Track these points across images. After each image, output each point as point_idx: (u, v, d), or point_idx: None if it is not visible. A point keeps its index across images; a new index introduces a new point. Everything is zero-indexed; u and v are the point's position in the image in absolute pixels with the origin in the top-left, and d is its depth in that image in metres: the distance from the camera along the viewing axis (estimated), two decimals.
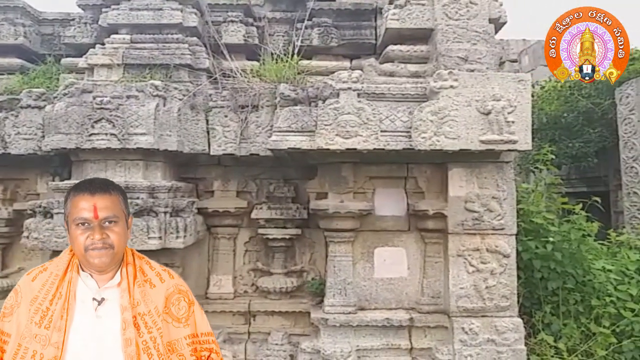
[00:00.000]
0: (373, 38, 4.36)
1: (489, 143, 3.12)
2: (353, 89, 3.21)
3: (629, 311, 3.67)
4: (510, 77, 3.20)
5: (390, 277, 3.54)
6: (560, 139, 7.85)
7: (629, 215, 7.19)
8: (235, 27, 4.27)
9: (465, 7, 3.55)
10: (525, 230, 3.79)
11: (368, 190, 3.62)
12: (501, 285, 3.29)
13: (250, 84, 3.75)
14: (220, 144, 3.58)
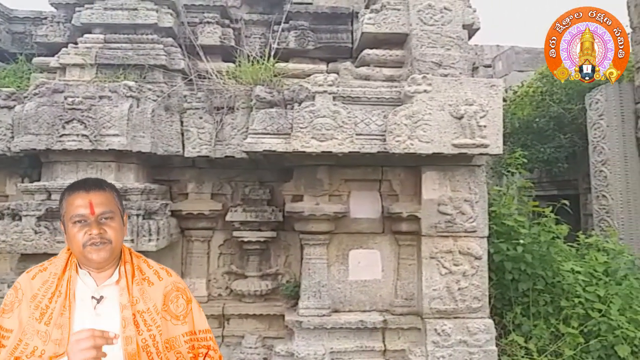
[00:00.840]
0: (349, 42, 4.40)
1: (461, 147, 3.17)
2: (329, 92, 3.22)
3: (597, 312, 3.74)
4: (482, 82, 3.25)
5: (364, 279, 3.57)
6: (532, 143, 8.01)
7: (598, 217, 7.38)
8: (211, 29, 4.25)
9: (439, 13, 3.60)
10: (497, 233, 3.85)
11: (343, 193, 3.64)
12: (473, 287, 3.35)
13: (226, 85, 3.74)
14: (195, 145, 3.56)
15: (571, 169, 8.18)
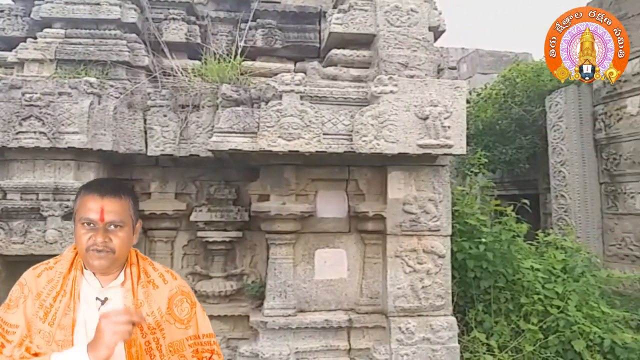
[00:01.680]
0: (317, 41, 4.40)
1: (426, 147, 3.21)
2: (296, 91, 3.22)
3: (555, 308, 3.86)
4: (446, 83, 3.31)
5: (330, 278, 3.58)
6: (495, 144, 8.21)
7: (557, 216, 7.62)
8: (177, 25, 4.18)
9: (406, 15, 3.64)
10: (459, 232, 3.93)
11: (310, 193, 3.63)
12: (436, 285, 3.40)
13: (191, 83, 3.68)
14: (159, 144, 3.49)
15: (532, 169, 8.42)
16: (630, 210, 6.96)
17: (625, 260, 7.01)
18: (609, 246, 7.28)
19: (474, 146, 7.77)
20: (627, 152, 6.96)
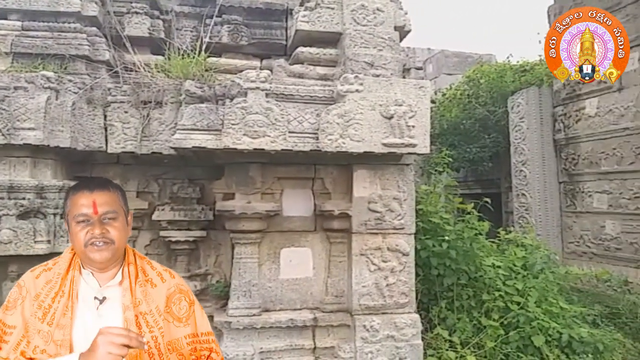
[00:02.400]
0: (284, 39, 4.36)
1: (391, 146, 3.24)
2: (261, 88, 3.18)
3: (515, 304, 3.95)
4: (411, 83, 3.34)
5: (296, 277, 3.56)
6: (459, 144, 8.37)
7: (518, 215, 7.82)
8: (139, 19, 4.07)
9: (372, 14, 3.66)
10: (423, 230, 3.98)
11: (276, 191, 3.61)
12: (401, 283, 3.43)
13: (154, 79, 3.59)
14: (119, 141, 3.39)
15: (494, 168, 8.62)
16: (588, 209, 7.20)
17: (583, 257, 7.25)
18: (568, 243, 7.52)
19: (439, 145, 7.91)
20: (585, 152, 7.20)
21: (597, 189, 7.01)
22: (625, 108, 6.57)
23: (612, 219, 6.80)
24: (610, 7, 6.79)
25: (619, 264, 6.58)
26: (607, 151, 6.85)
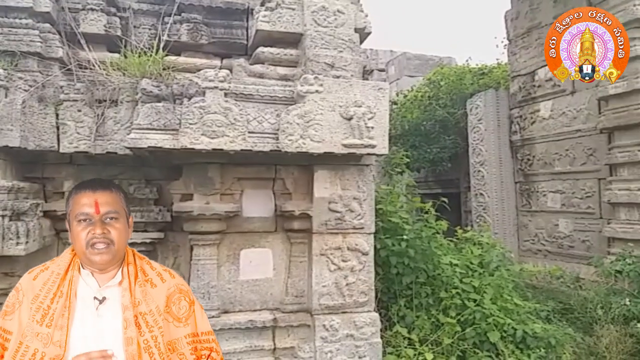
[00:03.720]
0: (244, 38, 4.33)
1: (350, 147, 3.26)
2: (220, 88, 3.15)
3: (472, 301, 4.04)
4: (370, 85, 3.37)
5: (256, 278, 3.54)
6: (420, 144, 8.53)
7: (476, 214, 8.02)
8: (95, 16, 3.96)
9: (333, 15, 3.67)
10: (383, 229, 4.03)
11: (236, 192, 3.58)
12: (360, 282, 3.47)
13: (109, 77, 3.50)
14: (72, 140, 3.29)
15: (454, 169, 8.82)
16: (542, 208, 7.45)
17: (538, 254, 7.50)
18: (524, 241, 7.76)
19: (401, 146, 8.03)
20: (540, 153, 7.45)
21: (551, 189, 7.27)
22: (578, 111, 6.84)
23: (565, 217, 7.06)
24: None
25: (572, 261, 6.84)
26: (560, 152, 7.11)
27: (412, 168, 7.02)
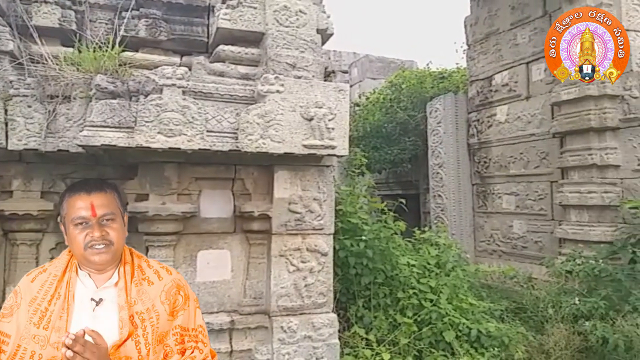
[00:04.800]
0: (205, 36, 4.26)
1: (311, 147, 3.26)
2: (178, 85, 3.09)
3: (429, 301, 4.12)
4: (331, 86, 3.38)
5: (213, 280, 3.49)
6: (381, 146, 8.63)
7: (434, 215, 8.17)
8: (49, 9, 3.81)
9: (295, 15, 3.67)
10: (343, 230, 4.04)
11: (193, 192, 3.52)
12: (319, 283, 3.47)
13: (62, 72, 3.37)
14: (21, 137, 3.15)
15: (413, 170, 8.96)
16: (497, 209, 7.66)
17: (494, 255, 7.71)
18: (480, 242, 7.96)
19: (362, 147, 8.10)
20: (496, 156, 7.66)
21: (506, 191, 7.48)
22: (532, 115, 7.07)
23: (519, 219, 7.28)
24: (520, 20, 7.29)
25: (525, 261, 7.07)
26: (515, 155, 7.33)
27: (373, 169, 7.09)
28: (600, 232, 5.80)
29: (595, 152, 5.93)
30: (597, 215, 5.95)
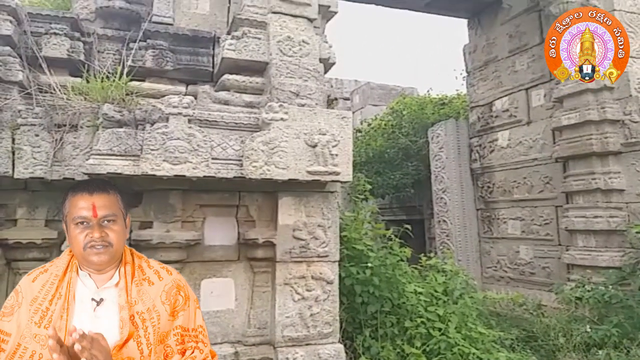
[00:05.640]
0: (210, 65, 4.33)
1: (315, 174, 3.27)
2: (184, 114, 3.12)
3: (437, 330, 3.99)
4: (334, 113, 3.41)
5: (217, 309, 3.44)
6: (384, 171, 8.65)
7: (440, 240, 8.12)
8: (58, 40, 3.89)
9: (298, 46, 3.73)
10: (348, 257, 4.00)
11: (198, 219, 3.51)
12: (325, 312, 3.42)
13: (69, 101, 3.42)
14: (28, 166, 3.17)
15: (417, 195, 8.95)
16: (503, 235, 7.61)
17: (501, 281, 7.61)
18: (486, 268, 7.88)
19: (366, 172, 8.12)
20: (499, 181, 7.65)
21: (511, 216, 7.44)
22: (534, 140, 7.09)
23: (525, 244, 7.22)
24: (518, 47, 7.39)
25: (534, 287, 6.97)
26: (518, 180, 7.32)
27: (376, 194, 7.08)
28: (608, 258, 5.73)
29: (598, 176, 5.92)
30: (604, 240, 5.89)
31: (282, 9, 3.80)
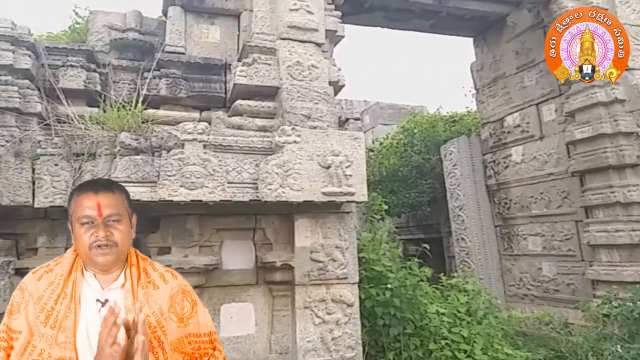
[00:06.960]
0: (223, 92, 4.39)
1: (330, 195, 3.26)
2: (199, 140, 3.15)
3: (462, 352, 3.86)
4: (346, 134, 3.42)
5: (237, 335, 3.41)
6: (399, 189, 8.57)
7: (459, 259, 7.98)
8: (75, 72, 4.00)
9: (307, 70, 3.78)
10: (367, 278, 3.94)
11: (215, 243, 3.51)
12: (347, 336, 3.36)
13: (87, 131, 3.49)
14: (48, 195, 3.22)
15: (434, 213, 8.85)
16: (524, 251, 7.45)
17: (525, 299, 7.42)
18: (509, 286, 7.70)
19: (380, 192, 8.07)
20: (516, 197, 7.54)
21: (531, 232, 7.31)
22: (548, 155, 7.00)
23: (547, 260, 7.06)
24: (526, 63, 7.37)
25: (559, 305, 6.78)
26: (535, 195, 7.21)
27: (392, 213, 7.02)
28: (633, 272, 5.58)
29: (617, 189, 5.80)
30: (628, 254, 5.74)
31: (290, 35, 3.86)
